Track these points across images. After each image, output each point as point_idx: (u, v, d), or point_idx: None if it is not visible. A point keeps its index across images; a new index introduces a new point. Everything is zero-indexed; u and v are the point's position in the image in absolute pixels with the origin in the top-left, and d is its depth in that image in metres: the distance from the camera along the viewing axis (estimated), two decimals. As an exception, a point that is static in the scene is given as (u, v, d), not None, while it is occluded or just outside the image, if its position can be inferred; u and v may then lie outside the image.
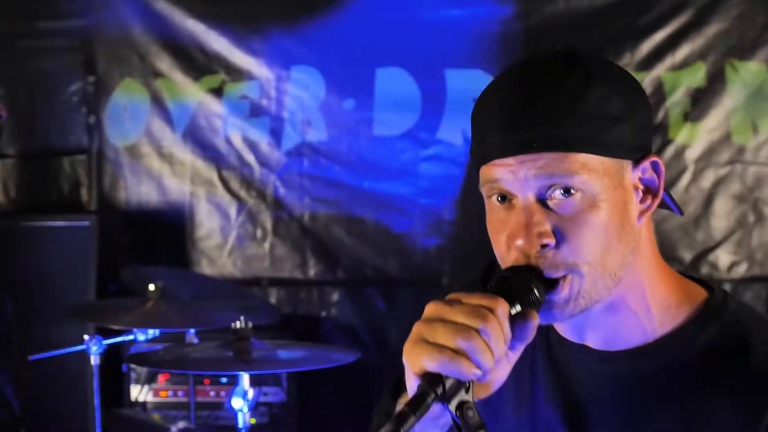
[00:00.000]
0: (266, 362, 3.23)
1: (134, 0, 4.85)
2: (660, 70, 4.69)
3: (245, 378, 3.15)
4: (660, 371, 1.43)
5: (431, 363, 1.25)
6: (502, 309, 1.28)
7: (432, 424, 1.33)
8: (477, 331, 1.25)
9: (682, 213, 1.53)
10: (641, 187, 1.40)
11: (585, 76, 1.36)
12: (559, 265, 1.35)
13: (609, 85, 1.38)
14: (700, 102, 4.70)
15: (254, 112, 4.88)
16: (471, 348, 1.24)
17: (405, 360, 1.30)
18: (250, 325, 3.13)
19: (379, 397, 1.63)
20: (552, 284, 1.35)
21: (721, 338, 1.42)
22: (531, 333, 1.31)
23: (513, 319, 1.30)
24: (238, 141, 4.86)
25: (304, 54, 4.87)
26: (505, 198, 1.39)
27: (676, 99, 4.68)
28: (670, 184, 4.68)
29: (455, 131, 4.81)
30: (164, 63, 4.81)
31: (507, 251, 1.38)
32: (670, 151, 4.70)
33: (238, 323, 3.10)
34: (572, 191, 1.35)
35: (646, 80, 4.70)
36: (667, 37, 4.69)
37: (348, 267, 4.91)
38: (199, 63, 4.81)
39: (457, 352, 1.24)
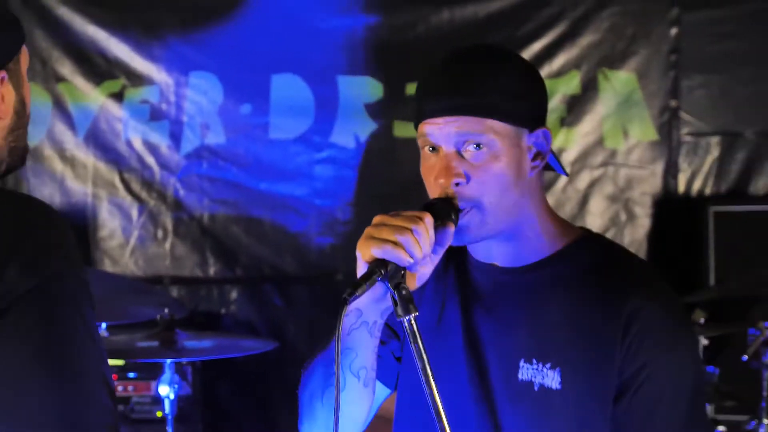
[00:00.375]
0: (189, 351, 3.45)
1: (36, 6, 4.85)
2: None
3: (168, 366, 3.33)
4: (550, 279, 1.85)
5: (377, 251, 1.66)
6: (429, 219, 1.70)
7: (373, 307, 1.76)
8: (411, 230, 1.67)
9: (567, 174, 2.01)
10: (534, 149, 1.82)
11: (498, 62, 1.81)
12: (466, 198, 1.77)
13: (515, 71, 1.81)
14: (574, 108, 4.90)
15: (154, 116, 4.90)
16: (406, 241, 1.66)
17: (358, 251, 1.70)
18: (174, 316, 3.33)
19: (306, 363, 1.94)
20: (455, 211, 1.76)
21: (595, 255, 1.87)
22: (448, 240, 1.74)
23: (436, 228, 1.72)
24: (138, 144, 4.90)
25: (202, 60, 4.90)
26: (434, 148, 1.81)
27: (553, 105, 4.85)
28: (549, 185, 4.87)
29: (348, 135, 4.92)
30: (66, 68, 4.83)
31: (434, 189, 1.80)
32: None
33: (160, 315, 3.28)
34: (481, 146, 1.77)
35: None
36: (544, 47, 4.87)
37: (246, 265, 4.97)
38: (100, 68, 4.84)
39: (396, 244, 1.66)
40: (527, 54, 4.82)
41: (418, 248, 1.66)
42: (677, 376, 1.79)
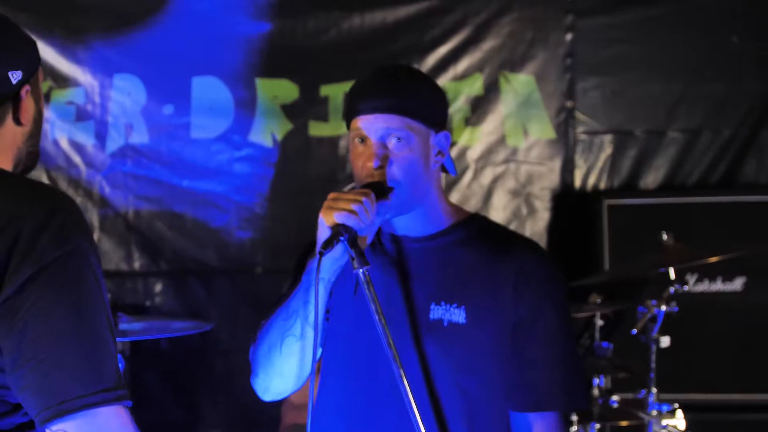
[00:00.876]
0: (134, 332, 3.64)
1: (-38, 10, 4.97)
2: (444, 80, 5.02)
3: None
4: (451, 242, 2.27)
5: (339, 217, 2.08)
6: (372, 194, 2.13)
7: (330, 266, 2.15)
8: (361, 201, 2.09)
9: (455, 173, 2.36)
10: (437, 148, 2.25)
11: (416, 77, 2.26)
12: (390, 179, 2.18)
13: (428, 85, 2.26)
14: (478, 109, 5.06)
15: (80, 116, 4.96)
16: (359, 209, 2.09)
17: (321, 218, 2.11)
18: (117, 301, 3.51)
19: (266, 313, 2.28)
20: (389, 190, 2.18)
21: (485, 225, 2.33)
22: (386, 211, 2.17)
23: (376, 201, 2.14)
24: (65, 143, 4.96)
25: (125, 63, 4.95)
26: (363, 140, 2.20)
27: (458, 106, 5.03)
28: (455, 182, 5.07)
29: (265, 134, 5.02)
30: (-7, 70, 4.95)
31: (361, 171, 2.20)
32: (453, 152, 5.02)
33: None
34: (401, 139, 2.18)
35: None
36: (449, 51, 5.03)
37: (170, 259, 5.07)
38: (27, 71, 4.97)
39: (352, 211, 2.08)
40: (433, 58, 5.03)
41: (367, 214, 2.10)
42: (559, 310, 2.25)
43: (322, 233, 2.11)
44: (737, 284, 4.82)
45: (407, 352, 2.20)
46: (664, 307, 3.96)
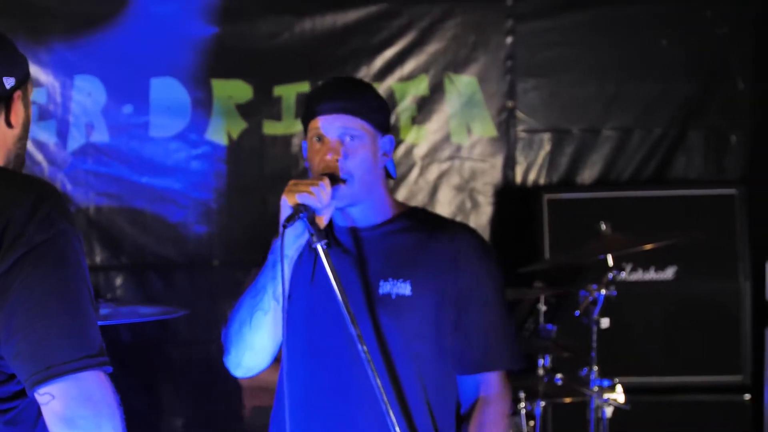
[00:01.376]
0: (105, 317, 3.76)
1: (-74, 10, 4.84)
2: (391, 81, 5.16)
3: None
4: (395, 229, 2.53)
5: (300, 197, 2.32)
6: (327, 179, 2.38)
7: (292, 243, 2.38)
8: (318, 184, 2.34)
9: (396, 176, 2.60)
10: (382, 149, 2.53)
11: (367, 86, 2.57)
12: (345, 171, 2.43)
13: (375, 94, 2.56)
14: (424, 108, 5.19)
15: (42, 116, 5.00)
16: (317, 191, 2.34)
17: (284, 198, 2.34)
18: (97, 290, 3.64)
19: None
20: (342, 180, 2.42)
21: (426, 214, 2.62)
22: (339, 195, 2.40)
23: (331, 186, 2.38)
24: (27, 143, 5.06)
25: (86, 64, 5.01)
26: (320, 138, 2.46)
27: (405, 106, 5.18)
28: (402, 178, 5.22)
29: (221, 133, 5.12)
30: (-44, 71, 4.98)
31: (319, 164, 2.44)
32: (401, 150, 5.19)
33: None
34: (354, 138, 2.45)
35: (381, 89, 5.07)
36: (396, 54, 5.16)
37: (130, 253, 5.14)
38: (-11, 71, 5.01)
39: (311, 192, 2.32)
40: (381, 60, 5.16)
41: (323, 195, 2.35)
42: (494, 281, 2.54)
43: (285, 212, 2.34)
44: (669, 273, 5.00)
45: (363, 324, 2.42)
46: (603, 291, 4.17)
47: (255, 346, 2.48)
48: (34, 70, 4.95)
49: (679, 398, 5.02)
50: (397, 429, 2.32)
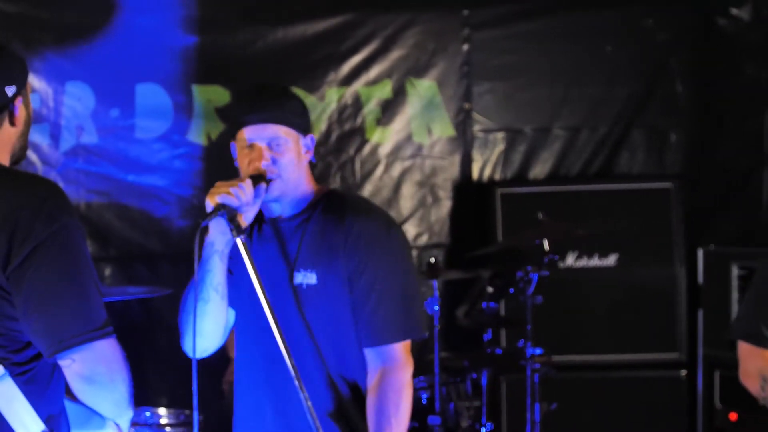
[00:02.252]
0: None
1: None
2: (357, 85, 5.33)
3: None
4: (307, 218, 2.70)
5: (219, 197, 2.48)
6: (249, 180, 2.55)
7: (220, 239, 2.57)
8: (238, 185, 2.50)
9: (315, 161, 2.74)
10: (305, 148, 2.72)
11: (288, 94, 2.74)
12: (272, 172, 2.60)
13: (297, 101, 2.73)
14: (387, 110, 5.35)
15: (36, 119, 5.05)
16: (236, 191, 2.50)
17: (207, 200, 2.50)
18: None
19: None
20: (267, 180, 2.58)
21: (332, 199, 2.73)
22: (261, 193, 2.57)
23: (253, 186, 2.54)
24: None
25: (76, 71, 5.16)
26: (250, 145, 2.62)
27: (370, 108, 5.33)
28: (368, 175, 5.36)
29: (201, 134, 5.27)
30: (-44, 79, 5.10)
31: (248, 167, 2.59)
32: (367, 149, 5.37)
33: None
34: (280, 144, 2.63)
35: (348, 93, 5.29)
36: (362, 60, 5.32)
37: (118, 246, 5.29)
38: (-14, 78, 5.13)
39: (229, 193, 2.48)
40: (348, 66, 5.32)
41: (242, 195, 2.50)
42: (389, 256, 2.68)
43: (208, 211, 2.51)
44: (611, 260, 5.20)
45: (284, 311, 2.62)
46: (538, 273, 4.46)
47: (203, 331, 2.62)
48: (28, 77, 5.20)
49: (621, 374, 5.22)
50: (308, 402, 2.47)
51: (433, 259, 4.61)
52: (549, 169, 5.52)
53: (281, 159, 2.63)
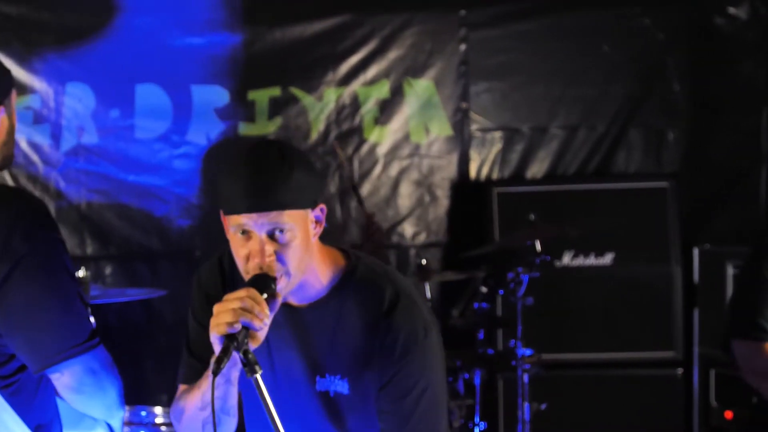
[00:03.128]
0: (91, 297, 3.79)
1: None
2: (355, 85, 5.30)
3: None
4: (329, 312, 2.24)
5: (229, 326, 1.99)
6: (254, 293, 2.04)
7: (231, 369, 2.11)
8: (251, 311, 2.01)
9: (326, 225, 2.28)
10: (314, 221, 2.19)
11: (289, 165, 2.11)
12: (279, 270, 2.11)
13: (300, 169, 2.12)
14: (385, 110, 5.31)
15: (37, 119, 5.15)
16: (248, 313, 2.01)
17: (212, 333, 2.00)
18: (89, 273, 3.82)
19: (182, 352, 2.37)
20: (273, 280, 2.09)
21: (357, 286, 2.25)
22: (277, 306, 2.12)
23: (267, 300, 2.07)
24: (24, 144, 5.14)
25: (77, 72, 5.15)
26: (245, 232, 2.11)
27: (368, 108, 5.30)
28: (366, 174, 5.34)
29: (200, 134, 5.26)
30: (-42, 80, 5.10)
31: (246, 263, 2.12)
32: (365, 148, 5.34)
33: (80, 272, 3.72)
34: (284, 231, 2.09)
35: (345, 93, 5.27)
36: (360, 61, 5.29)
37: (118, 245, 5.27)
38: (-12, 80, 5.14)
39: (251, 314, 2.00)
40: (346, 66, 5.29)
41: (257, 318, 2.01)
42: (423, 372, 2.23)
43: (215, 344, 2.03)
44: (607, 259, 5.16)
45: (300, 422, 2.26)
46: (528, 274, 4.44)
47: None
48: (29, 78, 5.14)
49: (617, 372, 5.18)
50: None
51: (424, 261, 4.60)
52: (546, 168, 5.48)
53: (286, 251, 2.13)
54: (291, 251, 2.12)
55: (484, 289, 4.76)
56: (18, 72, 5.12)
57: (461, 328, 4.76)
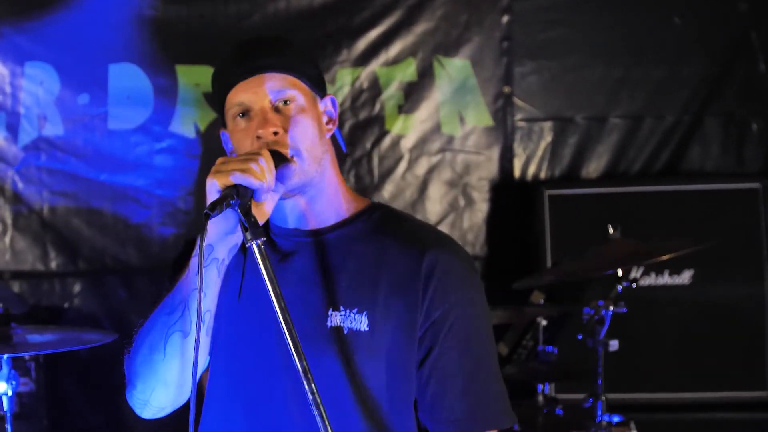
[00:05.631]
0: (27, 345, 3.43)
1: None
2: (375, 65, 5.03)
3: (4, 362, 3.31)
4: (349, 236, 2.04)
5: (232, 177, 1.81)
6: (268, 152, 1.87)
7: (223, 242, 1.91)
8: (257, 159, 1.83)
9: (346, 149, 2.25)
10: (325, 115, 2.05)
11: (286, 40, 2.04)
12: (286, 146, 1.94)
13: (301, 50, 2.04)
14: (411, 95, 5.05)
15: None
16: (255, 166, 1.82)
17: (212, 180, 1.83)
18: (9, 310, 3.33)
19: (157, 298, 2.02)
20: (285, 159, 1.92)
21: (386, 216, 2.08)
22: (289, 176, 1.92)
23: (277, 165, 1.88)
24: None
25: (37, 50, 4.92)
26: (244, 114, 1.96)
27: (391, 92, 5.02)
28: (388, 173, 5.07)
29: (187, 124, 5.00)
30: None
31: (253, 143, 1.94)
32: (386, 141, 5.06)
33: None
34: (288, 102, 1.97)
35: (363, 75, 5.04)
36: (380, 35, 5.02)
37: (88, 258, 5.02)
38: (-68, 60, 4.83)
39: (246, 170, 1.82)
40: (364, 42, 5.02)
41: (264, 174, 1.83)
42: (477, 314, 2.03)
43: (211, 197, 1.84)
44: (685, 277, 4.86)
45: (317, 363, 1.94)
46: (611, 308, 3.76)
47: (168, 378, 1.96)
48: None
49: (697, 416, 4.90)
50: None
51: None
52: (604, 166, 5.20)
53: (295, 124, 1.95)
54: (301, 127, 1.97)
55: (543, 323, 4.10)
56: (-34, 50, 4.95)
57: (512, 377, 4.03)
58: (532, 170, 5.14)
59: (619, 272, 3.81)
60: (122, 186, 4.99)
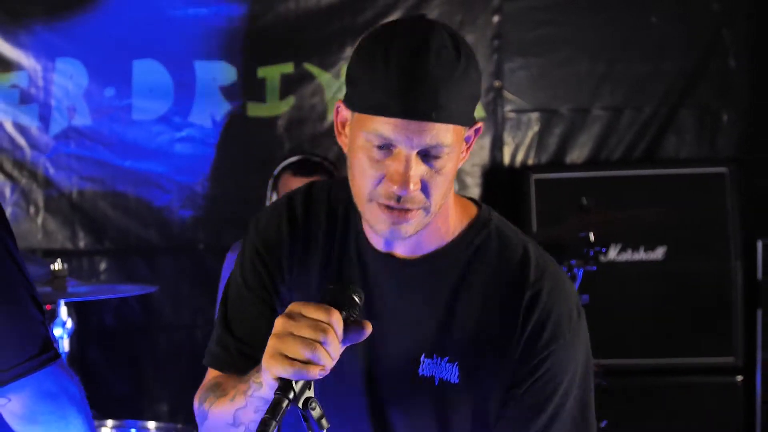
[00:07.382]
0: (81, 293, 3.72)
1: None
2: None
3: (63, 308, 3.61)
4: (447, 268, 1.76)
5: (286, 372, 1.50)
6: (337, 320, 1.52)
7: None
8: (320, 343, 1.49)
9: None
10: (465, 144, 1.72)
11: (466, 62, 1.61)
12: (417, 202, 1.63)
13: (476, 68, 1.65)
14: None
15: (24, 99, 5.00)
16: (316, 357, 1.50)
17: (264, 368, 1.53)
18: (65, 266, 3.65)
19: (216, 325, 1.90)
20: (360, 326, 1.56)
21: (487, 242, 1.79)
22: (362, 338, 1.58)
23: (347, 326, 1.55)
24: (9, 126, 4.99)
25: (67, 47, 4.99)
26: (386, 146, 1.61)
27: None
28: None
29: (205, 115, 5.07)
30: (-63, 56, 4.88)
31: (376, 187, 1.63)
32: None
33: (56, 265, 3.62)
34: (440, 157, 1.63)
35: None
36: None
37: (114, 237, 5.12)
38: (-30, 56, 4.89)
39: (307, 362, 1.49)
40: None
41: (329, 359, 1.51)
42: (572, 365, 1.77)
43: (268, 384, 1.57)
44: (659, 253, 4.94)
45: (400, 413, 1.79)
46: (583, 268, 4.04)
47: None
48: (15, 53, 4.99)
49: (669, 380, 4.97)
50: None
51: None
52: (588, 154, 5.22)
53: (435, 182, 1.64)
54: (440, 181, 1.64)
55: None
56: (2, 46, 4.99)
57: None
58: (520, 157, 5.20)
59: (591, 237, 4.06)
60: (145, 172, 5.08)
